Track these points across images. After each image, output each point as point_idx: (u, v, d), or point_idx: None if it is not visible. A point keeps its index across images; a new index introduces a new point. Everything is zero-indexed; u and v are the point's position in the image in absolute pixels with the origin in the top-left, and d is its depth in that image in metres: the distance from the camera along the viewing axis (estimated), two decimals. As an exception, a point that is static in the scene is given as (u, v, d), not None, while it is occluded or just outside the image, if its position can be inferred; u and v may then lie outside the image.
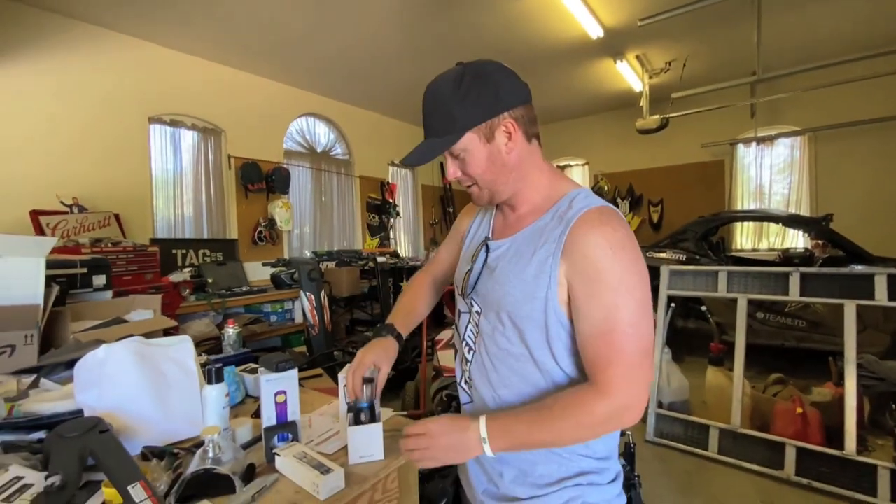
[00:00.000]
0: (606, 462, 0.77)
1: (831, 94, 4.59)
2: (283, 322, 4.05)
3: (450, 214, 6.94)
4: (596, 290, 0.67)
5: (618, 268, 0.67)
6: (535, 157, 0.79)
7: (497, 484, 0.78)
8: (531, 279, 0.72)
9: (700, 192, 5.77)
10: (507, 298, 0.74)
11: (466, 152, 0.74)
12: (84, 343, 1.35)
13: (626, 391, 0.66)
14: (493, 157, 0.74)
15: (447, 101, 0.72)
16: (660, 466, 2.40)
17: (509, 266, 0.76)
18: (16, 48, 2.96)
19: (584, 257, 0.68)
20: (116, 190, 3.41)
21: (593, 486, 0.74)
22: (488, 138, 0.73)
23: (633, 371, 0.66)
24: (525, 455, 0.76)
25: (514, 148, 0.74)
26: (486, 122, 0.72)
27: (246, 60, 4.15)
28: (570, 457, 0.75)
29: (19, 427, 0.92)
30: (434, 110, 0.74)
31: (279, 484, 0.77)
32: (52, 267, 1.53)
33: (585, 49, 4.14)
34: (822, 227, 3.67)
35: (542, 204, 0.78)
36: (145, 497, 0.65)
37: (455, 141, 0.73)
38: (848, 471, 2.06)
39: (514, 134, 0.74)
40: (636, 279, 0.68)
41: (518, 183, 0.78)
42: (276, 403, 0.84)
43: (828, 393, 2.45)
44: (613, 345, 0.66)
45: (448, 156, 0.77)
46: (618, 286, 0.66)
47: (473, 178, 0.77)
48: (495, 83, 0.72)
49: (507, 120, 0.73)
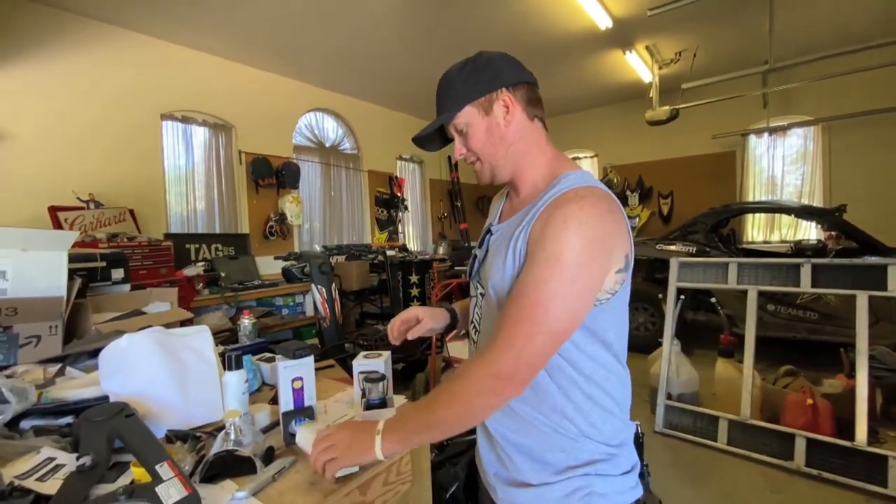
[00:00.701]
0: (618, 450, 0.76)
1: (845, 84, 4.51)
2: (294, 315, 4.10)
3: (458, 208, 6.94)
4: (534, 258, 0.68)
5: (562, 241, 0.65)
6: (538, 137, 0.81)
7: (508, 468, 0.79)
8: (509, 257, 0.74)
9: (710, 184, 5.71)
10: (494, 278, 0.77)
11: (468, 126, 0.78)
12: (106, 333, 1.39)
13: (504, 356, 0.64)
14: (491, 130, 0.78)
15: (453, 82, 0.79)
16: (669, 457, 2.41)
17: (495, 247, 0.79)
18: (33, 47, 3.02)
19: (541, 229, 0.69)
20: (131, 186, 3.47)
21: (602, 477, 0.73)
22: (486, 111, 0.77)
23: (521, 340, 0.64)
24: (532, 440, 0.76)
25: (511, 121, 0.77)
26: (484, 95, 0.77)
27: (255, 57, 4.18)
28: (577, 440, 0.74)
29: (48, 412, 0.96)
30: (441, 93, 0.80)
31: (298, 465, 0.80)
32: (74, 260, 1.57)
33: (594, 40, 4.10)
34: (835, 218, 3.62)
35: (539, 185, 0.79)
36: (172, 475, 0.68)
37: (455, 114, 0.78)
38: (858, 462, 2.05)
39: (511, 108, 0.77)
40: (577, 259, 0.65)
41: (518, 160, 0.80)
42: (294, 389, 0.87)
43: (839, 384, 2.43)
44: (518, 309, 0.65)
45: (455, 134, 0.81)
46: (552, 258, 0.65)
47: (475, 152, 0.80)
48: (496, 65, 0.78)
49: (505, 94, 0.77)
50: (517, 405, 0.76)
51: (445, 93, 0.79)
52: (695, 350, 3.65)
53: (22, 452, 0.81)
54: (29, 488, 0.71)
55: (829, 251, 3.88)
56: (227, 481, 0.75)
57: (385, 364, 0.92)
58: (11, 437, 0.85)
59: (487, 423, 0.82)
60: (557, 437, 0.74)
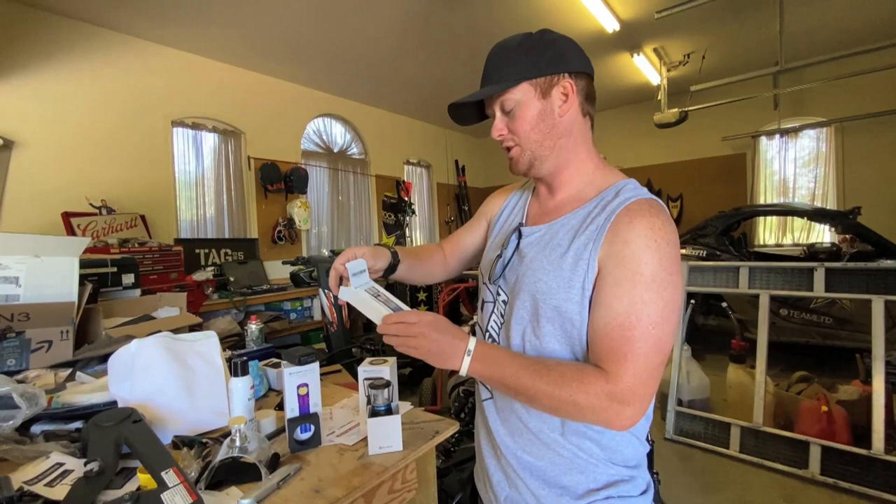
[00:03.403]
0: (636, 471, 0.73)
1: (858, 84, 4.44)
2: (302, 319, 4.13)
3: (465, 212, 6.94)
4: (627, 278, 0.62)
5: (656, 262, 0.62)
6: (586, 136, 0.76)
7: (521, 491, 0.75)
8: (568, 268, 0.68)
9: (721, 187, 5.64)
10: (538, 286, 0.70)
11: (518, 105, 0.71)
12: (116, 338, 1.41)
13: (633, 391, 0.61)
14: (544, 115, 0.71)
15: (510, 54, 0.71)
16: (679, 464, 2.37)
17: (544, 253, 0.72)
18: (46, 57, 3.08)
19: (625, 243, 0.63)
20: (142, 192, 3.52)
21: (624, 499, 0.70)
22: (544, 93, 0.70)
23: (647, 374, 0.62)
24: (548, 463, 0.73)
25: (567, 111, 0.71)
26: (545, 76, 0.70)
27: (264, 63, 4.23)
28: (598, 463, 0.71)
29: (58, 417, 0.97)
30: (494, 62, 0.73)
31: (303, 472, 0.80)
32: (85, 266, 1.60)
33: (601, 43, 4.09)
34: (850, 221, 3.56)
35: (585, 191, 0.74)
36: (178, 482, 0.68)
37: (510, 87, 0.70)
38: (875, 471, 2.01)
39: (570, 97, 0.71)
40: (671, 279, 0.63)
41: (564, 155, 0.74)
42: (299, 395, 0.87)
43: (855, 391, 2.38)
44: (632, 341, 0.61)
45: (498, 110, 0.74)
46: (650, 281, 0.62)
47: (519, 136, 0.73)
48: (561, 47, 0.71)
49: (567, 80, 0.70)
50: (537, 427, 0.73)
51: (499, 63, 0.71)
52: (706, 355, 3.60)
53: (31, 457, 0.82)
54: (37, 493, 0.71)
55: (844, 254, 3.81)
56: (232, 488, 0.75)
57: (391, 370, 0.92)
58: (22, 442, 0.87)
59: (498, 440, 0.78)
60: (578, 460, 0.71)
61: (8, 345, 1.24)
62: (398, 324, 0.69)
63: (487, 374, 0.68)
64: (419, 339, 0.67)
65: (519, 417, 0.75)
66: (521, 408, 0.75)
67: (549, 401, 0.64)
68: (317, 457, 0.86)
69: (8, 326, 1.27)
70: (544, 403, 0.65)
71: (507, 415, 0.77)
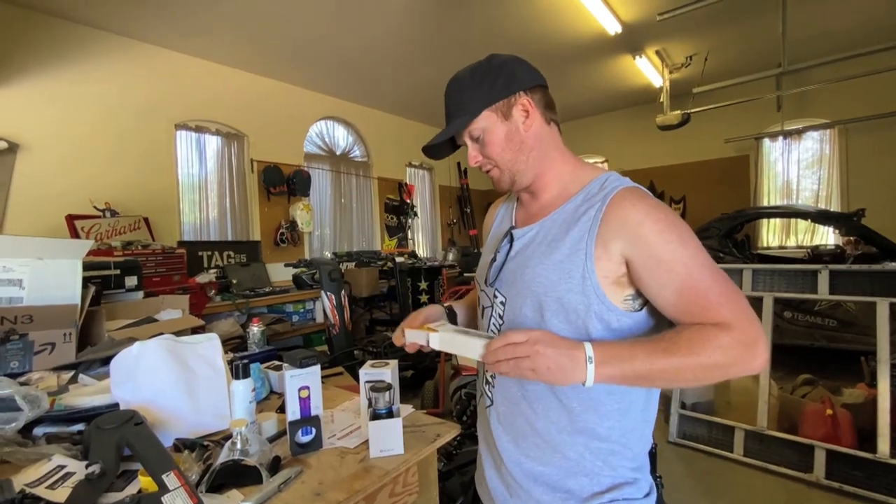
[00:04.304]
0: (640, 473, 0.73)
1: (862, 85, 4.42)
2: (304, 322, 4.13)
3: (467, 215, 6.94)
4: (662, 251, 0.65)
5: (674, 229, 0.66)
6: (556, 141, 0.79)
7: (523, 500, 0.75)
8: (565, 259, 0.69)
9: (724, 189, 5.63)
10: (537, 280, 0.71)
11: (485, 132, 0.75)
12: (118, 341, 1.41)
13: (750, 325, 0.61)
14: (511, 135, 0.75)
15: (465, 86, 0.76)
16: (683, 468, 2.36)
17: (539, 249, 0.74)
18: (51, 60, 3.10)
19: (639, 225, 0.66)
20: (145, 194, 3.54)
21: (629, 502, 0.71)
22: (506, 115, 0.74)
23: (744, 306, 0.63)
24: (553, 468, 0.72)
25: (531, 125, 0.75)
26: (502, 99, 0.74)
27: (267, 66, 4.25)
28: (604, 466, 0.71)
29: (60, 419, 0.98)
30: (453, 97, 0.77)
31: (304, 475, 0.80)
32: (88, 269, 1.60)
33: (603, 45, 4.09)
34: (854, 223, 3.54)
35: (569, 188, 0.77)
36: (178, 485, 0.68)
37: (472, 119, 0.74)
38: (881, 475, 1.99)
39: (531, 112, 0.75)
40: (693, 237, 0.67)
41: (539, 164, 0.77)
42: (300, 398, 0.87)
43: (860, 394, 2.37)
44: (710, 291, 0.63)
45: (469, 140, 0.78)
46: (682, 242, 0.65)
47: (494, 159, 0.77)
48: (510, 68, 0.75)
49: (524, 98, 0.74)
50: (544, 428, 0.73)
51: (458, 97, 0.76)
52: (709, 358, 3.58)
53: (34, 460, 0.82)
54: (39, 496, 0.72)
55: (848, 257, 3.79)
56: (232, 491, 0.75)
57: (392, 373, 0.92)
58: (24, 444, 0.87)
59: (500, 449, 0.78)
60: (584, 462, 0.71)
61: (11, 347, 1.24)
62: (506, 346, 0.63)
63: (619, 374, 0.62)
64: (535, 359, 0.61)
65: (526, 419, 0.75)
66: (527, 409, 0.74)
67: (692, 372, 0.62)
68: (318, 460, 0.86)
69: (11, 329, 1.27)
70: (688, 376, 0.63)
71: (512, 420, 0.77)
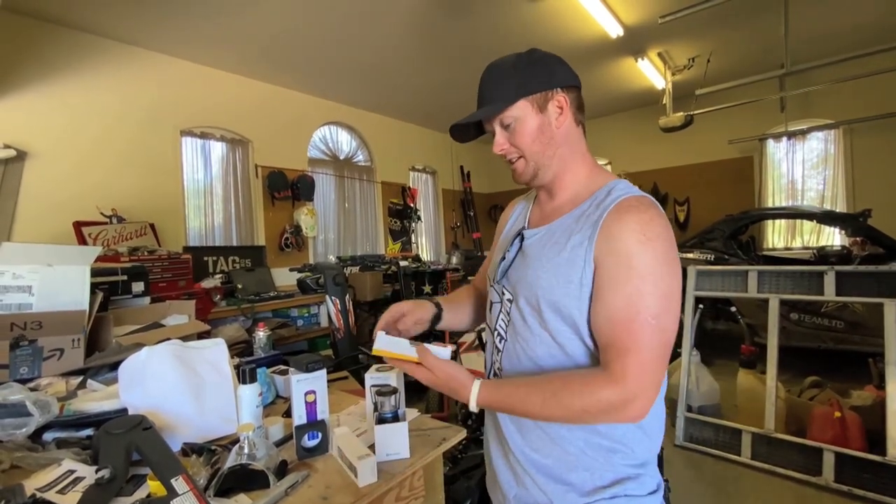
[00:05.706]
0: (644, 469, 0.74)
1: (866, 85, 4.40)
2: (309, 326, 4.14)
3: (470, 218, 6.94)
4: (622, 274, 0.65)
5: (649, 255, 0.65)
6: (581, 144, 0.81)
7: (528, 488, 0.77)
8: (565, 263, 0.71)
9: (728, 190, 5.61)
10: (538, 282, 0.74)
11: (517, 121, 0.76)
12: (126, 346, 1.42)
13: (639, 382, 0.63)
14: (542, 128, 0.76)
15: (504, 74, 0.77)
16: (690, 472, 2.35)
17: (542, 251, 0.76)
18: (57, 68, 3.14)
19: (617, 240, 0.67)
20: (151, 201, 3.57)
21: (630, 498, 0.71)
22: (541, 108, 0.76)
23: (650, 364, 0.64)
24: (555, 461, 0.74)
25: (563, 123, 0.77)
26: (541, 92, 0.75)
27: (271, 73, 4.28)
28: (605, 462, 0.72)
29: (70, 424, 0.99)
30: (490, 83, 0.78)
31: (311, 479, 0.80)
32: (96, 275, 1.61)
33: (605, 48, 4.10)
34: (860, 224, 3.52)
35: (580, 193, 0.78)
36: (187, 489, 0.69)
37: (507, 106, 0.75)
38: (891, 477, 1.96)
39: (565, 109, 0.76)
40: (665, 270, 0.66)
41: (562, 163, 0.79)
42: (307, 402, 0.87)
43: (868, 396, 2.34)
44: (633, 334, 0.64)
45: (498, 127, 0.79)
46: (645, 274, 0.65)
47: (521, 149, 0.78)
48: (551, 64, 0.77)
49: (560, 94, 0.76)
50: (545, 422, 0.74)
51: (495, 83, 0.77)
52: (715, 360, 3.56)
53: (44, 464, 0.83)
54: (50, 500, 0.72)
55: (855, 257, 3.77)
56: (240, 495, 0.76)
57: (397, 377, 0.92)
58: (34, 449, 0.88)
59: (507, 437, 0.79)
60: (584, 457, 0.72)
61: (21, 353, 1.26)
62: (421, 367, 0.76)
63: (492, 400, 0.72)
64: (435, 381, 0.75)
65: None
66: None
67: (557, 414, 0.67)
68: (324, 464, 0.86)
69: (21, 335, 1.28)
70: (557, 415, 0.68)
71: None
